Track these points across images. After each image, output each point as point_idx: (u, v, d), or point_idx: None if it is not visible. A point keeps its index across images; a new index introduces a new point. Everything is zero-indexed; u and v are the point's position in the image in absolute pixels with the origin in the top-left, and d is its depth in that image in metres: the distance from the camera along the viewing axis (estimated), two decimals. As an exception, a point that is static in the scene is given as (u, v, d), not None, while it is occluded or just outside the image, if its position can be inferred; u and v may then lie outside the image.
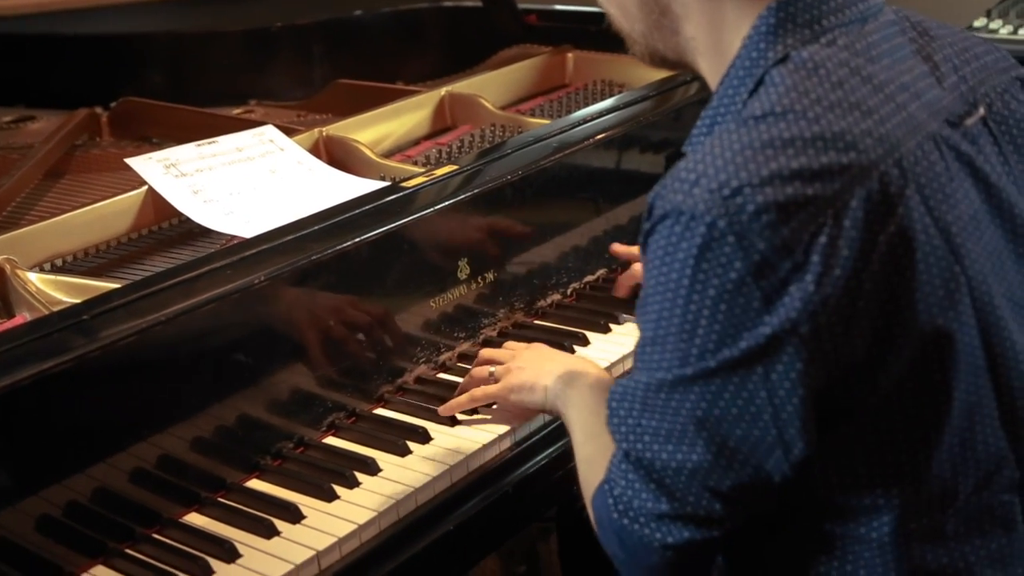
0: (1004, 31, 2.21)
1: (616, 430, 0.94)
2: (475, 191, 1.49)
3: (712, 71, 0.99)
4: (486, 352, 1.38)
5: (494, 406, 1.35)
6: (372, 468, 1.26)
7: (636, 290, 1.56)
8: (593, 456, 1.06)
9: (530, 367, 1.28)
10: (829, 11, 0.93)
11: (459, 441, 1.30)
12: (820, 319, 0.84)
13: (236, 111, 2.09)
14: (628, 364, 1.47)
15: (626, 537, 0.94)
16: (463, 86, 1.93)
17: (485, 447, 1.30)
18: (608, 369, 1.42)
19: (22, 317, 1.26)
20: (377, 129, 1.78)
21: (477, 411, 1.36)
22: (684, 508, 0.91)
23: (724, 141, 0.87)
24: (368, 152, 1.66)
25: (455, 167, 1.54)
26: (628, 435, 0.92)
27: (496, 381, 1.31)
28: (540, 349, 1.34)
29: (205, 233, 1.46)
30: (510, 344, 1.40)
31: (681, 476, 0.90)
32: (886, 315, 0.86)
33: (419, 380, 1.43)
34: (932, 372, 0.89)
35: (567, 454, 1.32)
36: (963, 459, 0.91)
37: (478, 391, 1.32)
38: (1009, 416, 0.93)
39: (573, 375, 1.22)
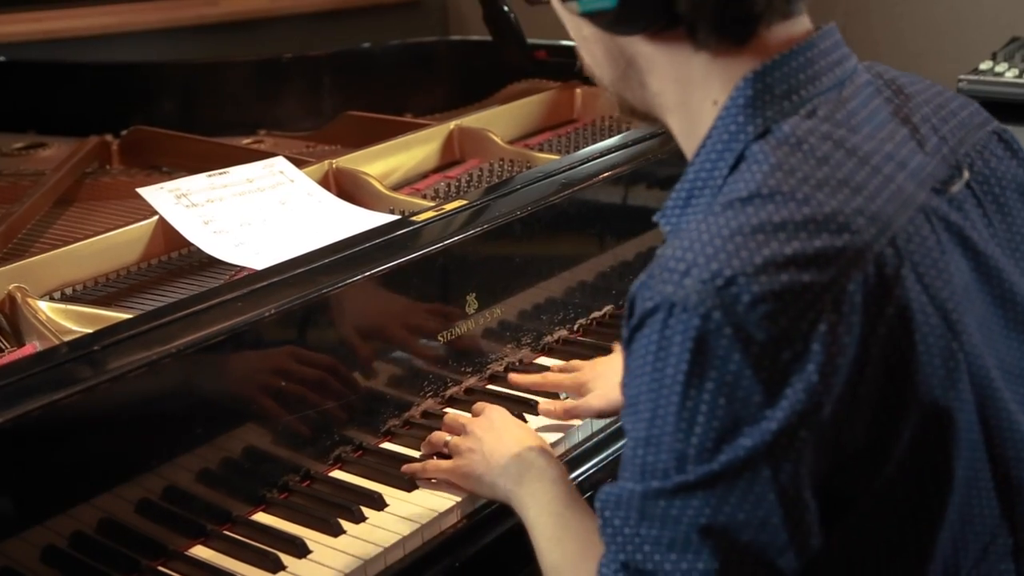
0: (1010, 74, 2.23)
1: (611, 540, 0.86)
2: (484, 227, 1.50)
3: (681, 131, 0.96)
4: (449, 418, 1.35)
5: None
6: (378, 503, 1.25)
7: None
8: (560, 565, 1.04)
9: (480, 452, 1.24)
10: (807, 80, 0.90)
11: (465, 477, 1.30)
12: (824, 410, 0.80)
13: (245, 141, 2.10)
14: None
15: None
16: (472, 120, 1.94)
17: (491, 483, 1.29)
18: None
19: (32, 346, 1.26)
20: (386, 162, 1.79)
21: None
22: None
23: (712, 227, 0.83)
24: (377, 185, 1.67)
25: (464, 202, 1.55)
26: (625, 546, 0.85)
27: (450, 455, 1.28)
28: (493, 427, 1.27)
29: (215, 264, 1.46)
30: (477, 407, 1.35)
31: None
32: (886, 398, 0.83)
33: (426, 414, 1.43)
34: (934, 453, 0.87)
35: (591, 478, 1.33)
36: (963, 535, 0.89)
37: (431, 464, 1.29)
38: (1003, 485, 0.91)
39: (522, 470, 1.18)
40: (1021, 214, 1.01)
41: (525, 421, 1.40)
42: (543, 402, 1.42)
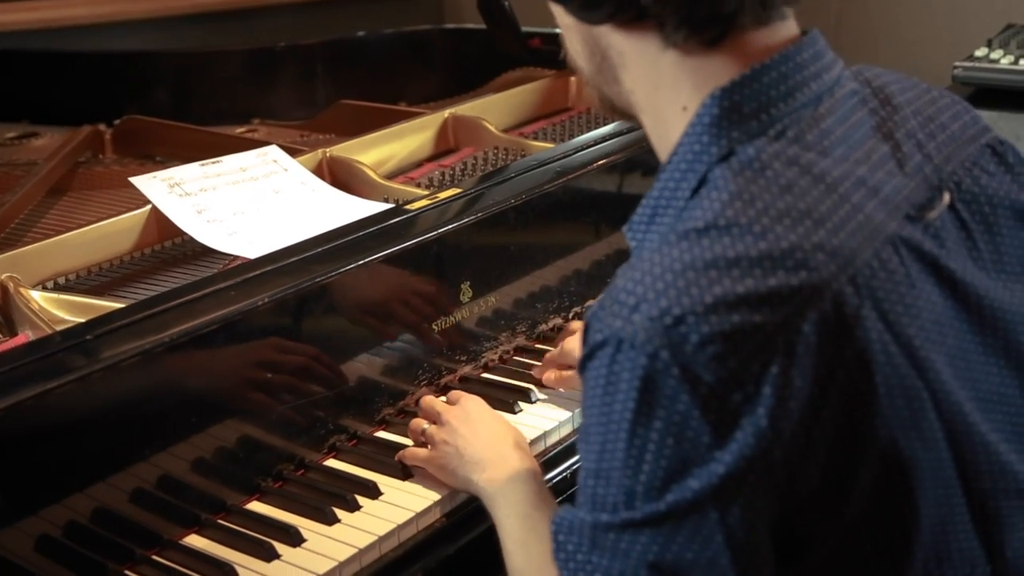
0: (1005, 61, 2.22)
1: (564, 566, 0.85)
2: (478, 215, 1.49)
3: (653, 133, 0.93)
4: (425, 402, 1.34)
5: None
6: (373, 491, 1.25)
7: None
8: (524, 568, 1.04)
9: (453, 445, 1.23)
10: (779, 97, 0.86)
11: (460, 465, 1.30)
12: (775, 454, 0.78)
13: (239, 130, 2.09)
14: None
15: None
16: (466, 108, 1.93)
17: (486, 472, 1.29)
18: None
19: (24, 336, 1.26)
20: (380, 150, 1.79)
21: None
22: None
23: (665, 259, 0.81)
24: (371, 174, 1.67)
25: (458, 190, 1.55)
26: (577, 572, 0.84)
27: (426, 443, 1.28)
28: (468, 418, 1.26)
29: (208, 253, 1.46)
30: (452, 396, 1.33)
31: None
32: (842, 440, 0.81)
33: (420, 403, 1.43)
34: (896, 494, 0.84)
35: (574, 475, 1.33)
36: (940, 570, 0.87)
37: (408, 452, 1.29)
38: (980, 517, 0.89)
39: (493, 467, 1.17)
40: (1012, 232, 0.97)
41: (516, 412, 1.40)
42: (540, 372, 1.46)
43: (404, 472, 1.29)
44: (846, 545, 0.85)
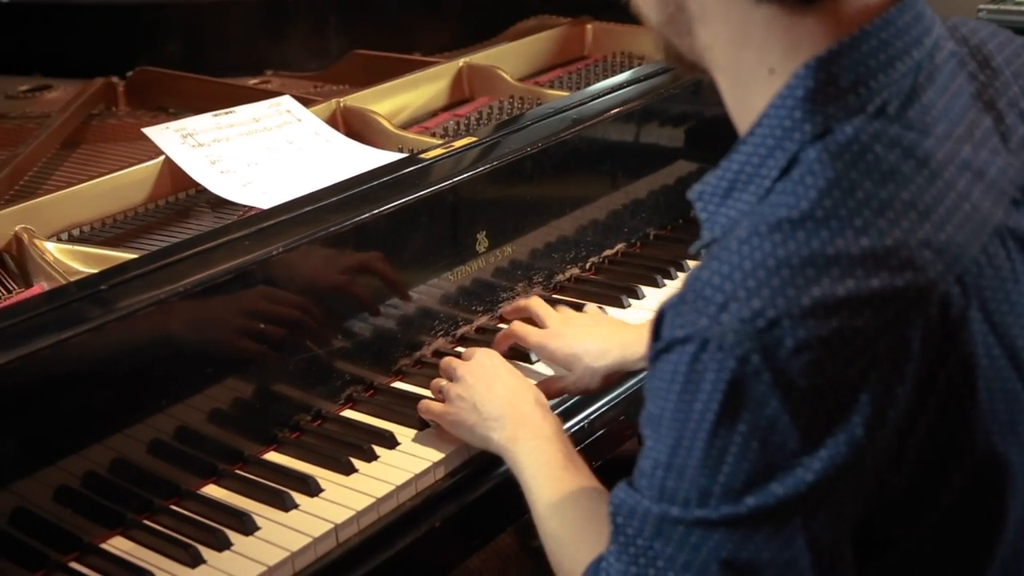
0: (1031, 3, 2.18)
1: (623, 550, 0.81)
2: (493, 163, 1.48)
3: (730, 95, 0.85)
4: (444, 362, 1.30)
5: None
6: (390, 441, 1.25)
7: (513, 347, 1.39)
8: (559, 533, 1.01)
9: (470, 401, 1.20)
10: (878, 68, 0.78)
11: (477, 415, 1.30)
12: (867, 463, 0.74)
13: (252, 81, 2.08)
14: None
15: None
16: (481, 57, 1.91)
17: (503, 421, 1.29)
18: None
19: (40, 287, 1.26)
20: (394, 100, 1.77)
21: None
22: None
23: (756, 253, 0.74)
24: (386, 123, 1.65)
25: (473, 139, 1.53)
26: (638, 558, 0.80)
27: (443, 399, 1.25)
28: (484, 374, 1.23)
29: (222, 204, 1.45)
30: (467, 353, 1.30)
31: None
32: (937, 447, 0.77)
33: (437, 353, 1.42)
34: (988, 496, 0.81)
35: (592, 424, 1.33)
36: (1016, 565, 0.84)
37: (423, 405, 1.27)
38: None
39: (515, 425, 1.15)
40: None
41: (533, 361, 1.39)
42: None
43: (421, 422, 1.28)
44: (928, 544, 0.82)
